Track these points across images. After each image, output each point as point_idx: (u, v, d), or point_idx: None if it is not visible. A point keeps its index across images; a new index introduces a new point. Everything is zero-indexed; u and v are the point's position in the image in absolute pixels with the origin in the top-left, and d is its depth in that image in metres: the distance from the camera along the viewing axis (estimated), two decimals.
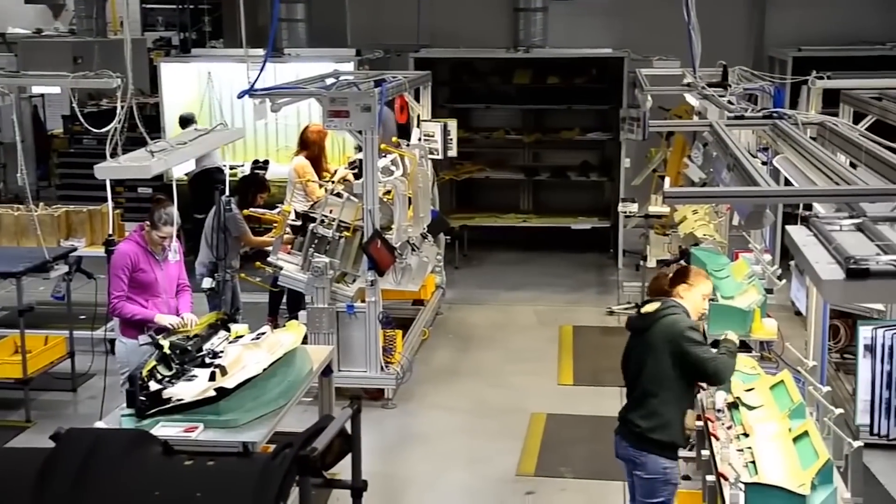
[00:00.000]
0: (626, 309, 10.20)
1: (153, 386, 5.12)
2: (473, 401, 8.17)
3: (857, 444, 4.15)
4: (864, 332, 3.28)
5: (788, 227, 3.13)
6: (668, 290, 5.34)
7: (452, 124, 9.90)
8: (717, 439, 4.53)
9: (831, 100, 8.49)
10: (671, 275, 5.50)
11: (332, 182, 8.57)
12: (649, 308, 5.27)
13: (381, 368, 7.92)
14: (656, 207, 10.29)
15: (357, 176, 8.38)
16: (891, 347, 3.23)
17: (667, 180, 10.34)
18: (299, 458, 3.19)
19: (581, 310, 10.53)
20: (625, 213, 10.72)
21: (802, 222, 3.15)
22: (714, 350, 5.14)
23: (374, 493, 6.52)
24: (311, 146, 9.03)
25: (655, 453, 5.03)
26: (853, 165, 4.38)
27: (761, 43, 12.55)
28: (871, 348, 3.28)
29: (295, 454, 3.20)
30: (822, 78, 8.67)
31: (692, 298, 5.31)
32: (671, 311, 5.15)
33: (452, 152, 10.04)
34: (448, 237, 11.36)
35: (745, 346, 6.51)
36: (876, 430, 3.32)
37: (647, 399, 5.11)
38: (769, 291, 6.58)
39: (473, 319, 10.30)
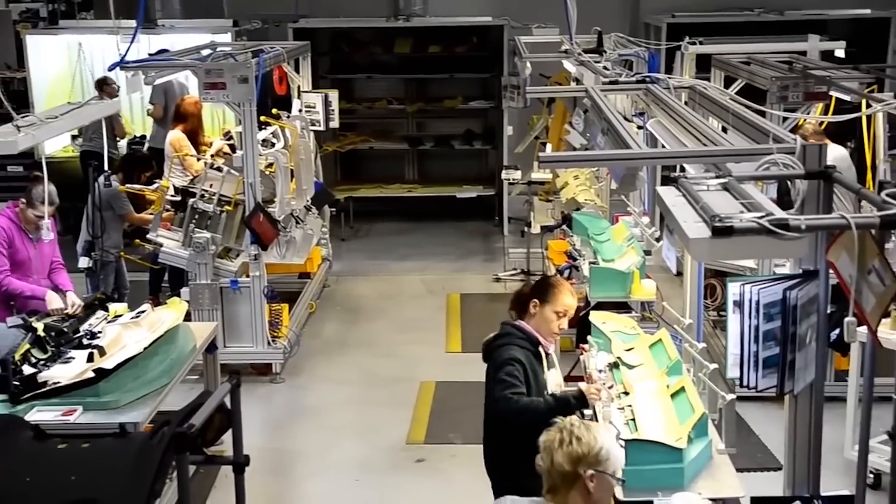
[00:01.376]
0: (513, 275, 10.34)
1: (27, 370, 4.96)
2: (363, 372, 8.16)
3: (729, 397, 4.30)
4: (733, 289, 3.36)
5: (658, 189, 3.20)
6: (522, 305, 4.75)
7: (334, 95, 9.80)
8: (599, 399, 4.62)
9: (705, 64, 8.70)
10: (530, 288, 4.89)
11: (212, 156, 8.40)
12: (489, 337, 4.75)
13: (268, 343, 7.83)
14: (539, 174, 10.41)
15: (233, 147, 8.24)
16: (758, 302, 3.32)
17: (548, 147, 10.48)
18: (177, 436, 3.13)
19: (468, 277, 10.61)
20: (508, 180, 10.81)
21: (672, 183, 3.22)
22: (522, 393, 4.45)
23: (265, 469, 6.56)
24: (186, 119, 8.82)
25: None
26: (724, 130, 4.50)
27: (637, 10, 12.76)
28: (739, 304, 3.37)
29: (172, 432, 3.14)
30: (694, 43, 8.87)
31: (542, 317, 4.68)
32: (502, 342, 4.60)
33: (335, 123, 9.95)
34: (333, 209, 11.29)
35: (625, 307, 6.69)
36: (745, 383, 3.42)
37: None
38: (647, 253, 6.74)
39: (361, 291, 10.28)
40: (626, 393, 4.83)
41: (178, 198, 7.92)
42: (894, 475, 2.84)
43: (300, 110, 9.49)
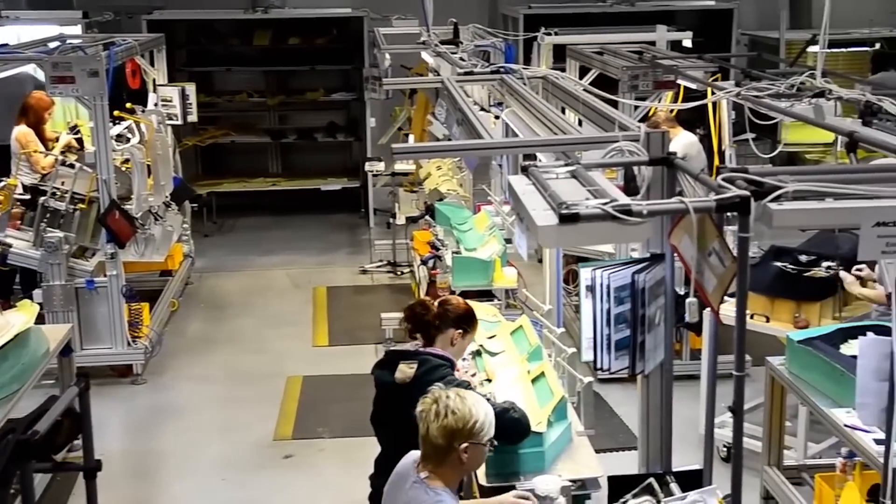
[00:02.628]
0: (379, 267, 10.34)
1: None
2: (229, 369, 8.04)
3: (587, 380, 4.42)
4: (585, 274, 3.45)
5: (510, 178, 3.25)
6: (434, 331, 4.34)
7: (191, 88, 9.60)
8: None
9: (562, 55, 8.88)
10: (438, 307, 4.40)
11: (61, 152, 8.10)
12: (408, 372, 4.18)
13: (128, 344, 7.62)
14: (403, 165, 10.44)
15: (81, 142, 7.98)
16: (608, 287, 3.42)
17: (411, 138, 10.53)
18: (20, 443, 3.02)
19: (334, 270, 10.56)
20: (372, 172, 10.81)
21: (523, 172, 3.28)
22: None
23: (127, 472, 6.40)
24: (30, 113, 8.46)
25: None
26: (580, 122, 4.61)
27: (495, 1, 12.90)
28: (591, 289, 3.46)
29: (16, 439, 3.03)
30: (549, 34, 9.04)
31: (461, 347, 4.44)
32: (437, 376, 4.10)
33: (193, 117, 9.74)
34: (195, 205, 11.05)
35: (488, 295, 6.79)
36: (599, 366, 3.52)
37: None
38: (509, 241, 6.85)
39: (226, 287, 10.11)
40: (489, 380, 4.90)
41: (28, 196, 7.63)
42: (736, 448, 2.96)
43: (156, 104, 9.24)
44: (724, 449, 6.14)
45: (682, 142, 7.97)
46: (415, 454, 3.46)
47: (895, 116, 4.28)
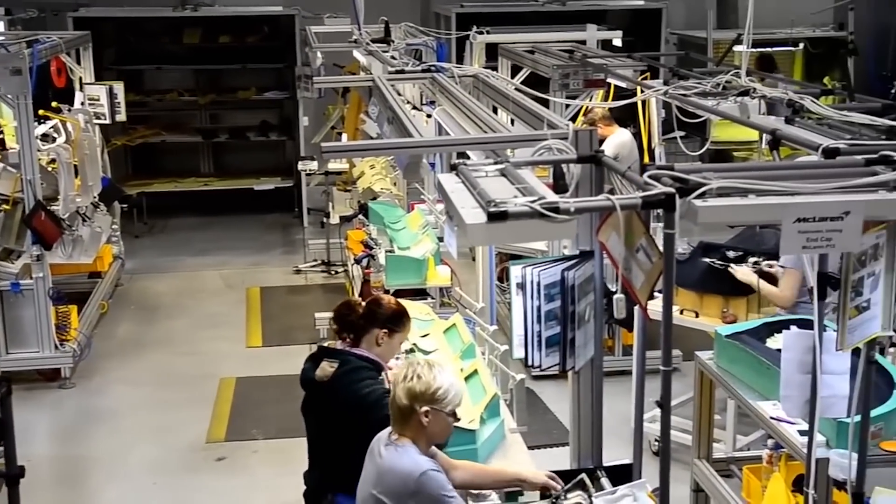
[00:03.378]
0: (313, 267, 10.29)
1: None
2: (160, 372, 7.93)
3: (519, 377, 4.44)
4: (515, 271, 3.47)
5: (440, 176, 3.26)
6: (360, 331, 4.30)
7: (119, 87, 9.44)
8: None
9: (495, 53, 8.91)
10: (365, 307, 4.38)
11: None
12: (327, 370, 4.18)
13: (56, 347, 7.48)
14: (336, 164, 10.39)
15: (3, 143, 7.81)
16: (538, 284, 3.45)
17: (344, 136, 10.49)
18: None
19: (268, 271, 10.48)
20: (305, 171, 10.74)
21: (452, 170, 3.28)
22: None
23: (55, 478, 6.29)
24: None
25: None
26: (513, 121, 4.63)
27: (428, 0, 12.91)
28: (522, 286, 3.48)
29: None
30: (482, 33, 9.06)
31: (389, 346, 4.36)
32: (357, 378, 4.15)
33: (121, 116, 9.57)
34: (124, 205, 10.88)
35: (422, 293, 6.79)
36: (530, 363, 3.54)
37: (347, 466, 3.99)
38: (442, 240, 6.85)
39: (158, 288, 9.97)
40: None
41: None
42: (664, 442, 3.00)
43: (83, 103, 9.08)
44: (656, 443, 6.22)
45: (616, 140, 8.07)
46: (384, 431, 3.61)
47: (816, 115, 4.37)
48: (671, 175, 2.90)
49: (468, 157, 3.78)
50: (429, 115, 6.00)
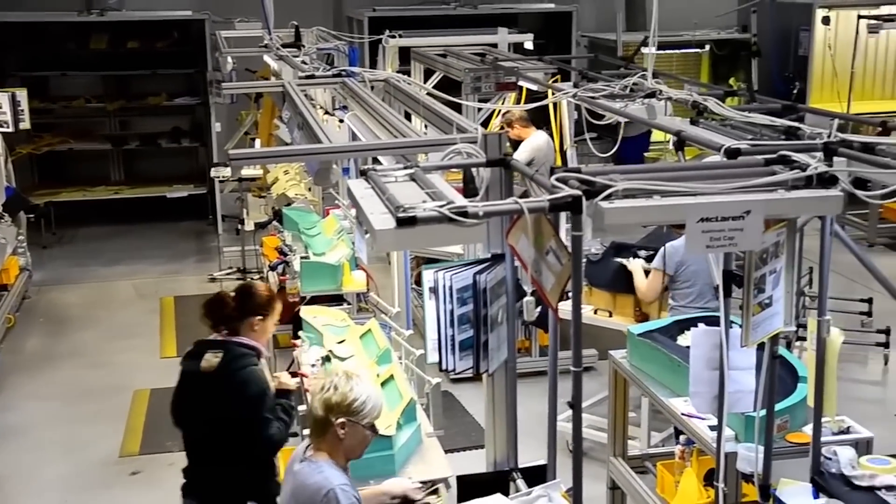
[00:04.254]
0: (228, 274, 10.16)
1: None
2: (71, 385, 7.74)
3: (435, 381, 4.45)
4: (428, 276, 3.47)
5: (349, 182, 3.24)
6: (235, 321, 4.43)
7: (22, 94, 9.18)
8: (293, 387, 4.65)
9: (409, 57, 8.91)
10: (236, 298, 4.50)
11: None
12: (212, 361, 4.32)
13: None
14: (250, 170, 10.28)
15: None
16: (451, 288, 3.45)
17: (258, 142, 10.39)
18: None
19: (182, 279, 10.32)
20: (219, 178, 10.60)
21: (362, 175, 3.27)
22: (275, 423, 4.33)
23: None
24: None
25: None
26: (427, 126, 4.63)
27: (340, 4, 12.86)
28: (434, 290, 3.49)
29: None
30: (394, 37, 9.06)
31: (263, 330, 4.51)
32: (241, 365, 4.33)
33: (25, 124, 9.31)
34: (31, 215, 10.59)
35: (339, 299, 6.75)
36: (444, 367, 3.55)
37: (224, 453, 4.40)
38: (367, 240, 6.82)
39: (68, 300, 9.74)
40: None
41: None
42: (576, 442, 3.03)
43: None
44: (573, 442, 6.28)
45: (532, 143, 8.14)
46: (302, 444, 3.59)
47: (720, 116, 4.46)
48: (578, 178, 2.93)
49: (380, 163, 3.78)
50: (341, 120, 5.97)
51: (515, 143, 8.62)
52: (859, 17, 10.37)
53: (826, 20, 11.18)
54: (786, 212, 3.06)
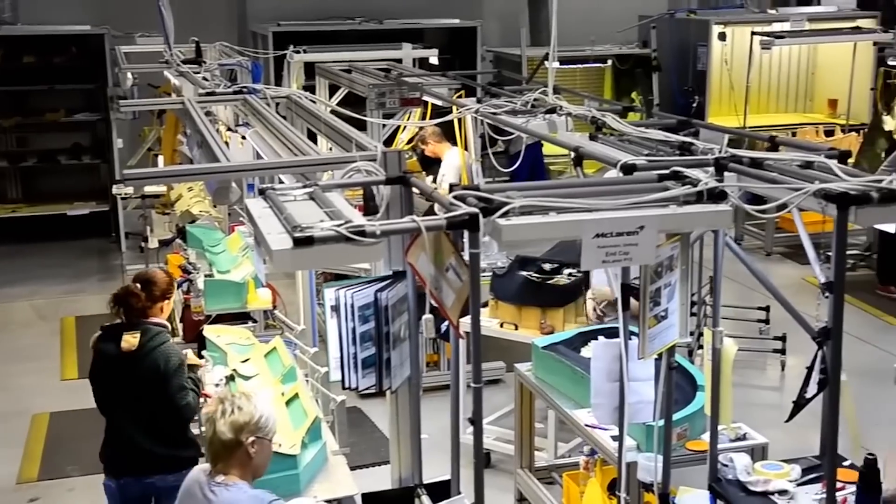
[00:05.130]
0: None
1: None
2: None
3: (339, 398, 4.43)
4: (329, 294, 3.46)
5: (247, 201, 3.22)
6: (146, 309, 4.79)
7: None
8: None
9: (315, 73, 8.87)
10: (142, 288, 4.83)
11: None
12: (132, 341, 4.66)
13: None
14: (153, 187, 10.09)
15: None
16: (352, 306, 3.45)
17: (160, 159, 10.22)
18: None
19: (84, 299, 10.06)
20: (121, 195, 10.38)
21: (260, 194, 3.25)
22: (191, 392, 4.75)
23: None
24: None
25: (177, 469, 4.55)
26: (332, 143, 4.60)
27: (244, 18, 12.75)
28: (336, 308, 3.48)
29: None
30: (298, 52, 9.02)
31: (168, 309, 5.03)
32: (160, 341, 4.72)
33: None
34: None
35: (246, 317, 6.67)
36: (347, 385, 3.54)
37: (158, 422, 4.75)
38: (264, 261, 6.76)
39: None
40: None
41: None
42: (477, 457, 3.04)
43: None
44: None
45: (454, 163, 8.19)
46: (195, 471, 3.55)
47: (618, 132, 4.54)
48: (476, 195, 2.96)
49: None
50: (244, 137, 5.92)
51: (429, 160, 8.67)
52: (753, 33, 10.68)
53: (722, 36, 11.49)
54: (678, 226, 3.14)
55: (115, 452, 4.85)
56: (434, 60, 9.55)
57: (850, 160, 9.07)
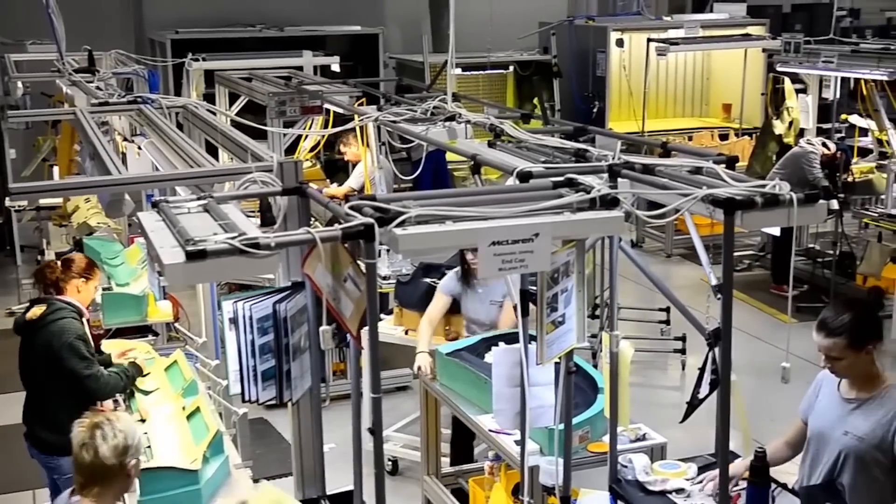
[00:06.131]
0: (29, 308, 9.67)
1: None
2: None
3: (241, 411, 4.38)
4: (227, 307, 3.42)
5: (139, 214, 3.16)
6: (60, 285, 5.18)
7: None
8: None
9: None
10: (61, 266, 5.26)
11: None
12: (36, 311, 5.06)
13: None
14: (49, 199, 9.84)
15: None
16: (251, 318, 3.42)
17: (55, 170, 9.97)
18: None
19: None
20: (14, 207, 10.09)
21: (153, 207, 3.20)
22: (101, 367, 4.96)
23: None
24: None
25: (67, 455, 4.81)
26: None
27: (141, 26, 12.53)
28: (234, 321, 3.44)
29: None
30: (197, 60, 8.90)
31: (87, 292, 5.27)
32: (59, 316, 5.00)
33: None
34: None
35: (149, 331, 6.54)
36: (247, 398, 3.50)
37: (45, 406, 5.02)
38: (160, 274, 6.64)
39: None
40: (143, 420, 4.72)
41: None
42: (378, 468, 3.04)
43: None
44: (390, 462, 6.32)
45: (361, 168, 8.17)
46: (62, 499, 3.48)
47: (516, 139, 4.59)
48: (372, 205, 2.96)
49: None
50: (140, 148, 5.81)
51: (335, 167, 8.64)
52: (649, 40, 10.92)
53: (620, 42, 11.71)
54: (572, 233, 3.18)
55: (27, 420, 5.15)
56: (336, 68, 9.53)
57: (741, 163, 9.32)
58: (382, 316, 6.56)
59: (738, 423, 3.82)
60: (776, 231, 7.30)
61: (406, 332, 6.24)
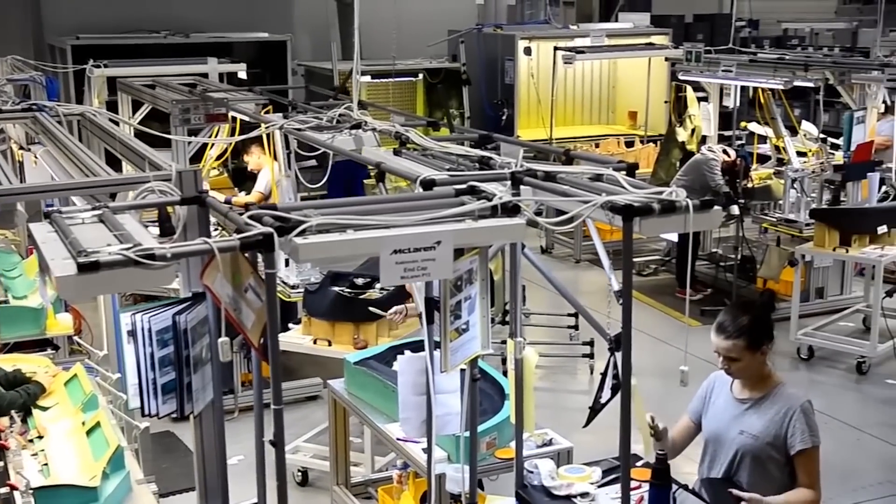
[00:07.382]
0: None
1: None
2: None
3: (143, 425, 4.29)
4: (125, 319, 3.34)
5: (30, 225, 3.07)
6: None
7: None
8: (8, 449, 4.35)
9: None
10: None
11: None
12: None
13: None
14: None
15: None
16: (150, 330, 3.34)
17: None
18: None
19: None
20: None
21: (45, 218, 3.11)
22: None
23: None
24: None
25: None
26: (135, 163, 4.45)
27: (40, 31, 12.21)
28: (133, 333, 3.36)
29: None
30: (99, 66, 8.71)
31: None
32: None
33: None
34: None
35: (49, 344, 6.37)
36: (147, 412, 3.42)
37: None
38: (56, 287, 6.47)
39: None
40: (41, 437, 4.59)
41: None
42: (280, 481, 3.00)
43: None
44: (299, 473, 6.27)
45: (266, 177, 8.08)
46: None
47: (421, 146, 4.60)
48: (272, 214, 2.93)
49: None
50: (37, 157, 5.66)
51: (242, 175, 8.53)
52: (556, 48, 11.05)
53: (528, 51, 11.83)
54: (474, 241, 3.19)
55: None
56: (243, 75, 9.42)
57: (645, 170, 9.47)
58: (291, 325, 6.50)
59: (639, 426, 3.88)
60: (673, 236, 7.45)
61: (315, 342, 6.19)
